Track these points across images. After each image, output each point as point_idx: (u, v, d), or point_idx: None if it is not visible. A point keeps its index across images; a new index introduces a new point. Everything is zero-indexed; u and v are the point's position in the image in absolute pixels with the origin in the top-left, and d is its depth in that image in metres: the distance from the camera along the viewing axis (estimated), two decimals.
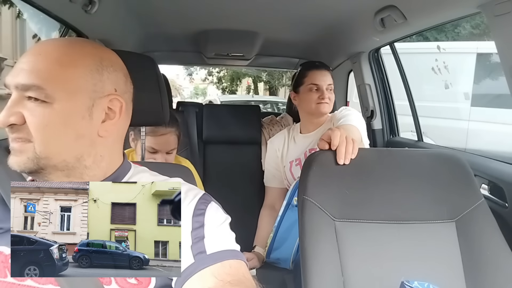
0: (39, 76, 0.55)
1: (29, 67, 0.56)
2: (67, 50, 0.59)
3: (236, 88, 17.37)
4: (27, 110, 0.55)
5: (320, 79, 1.51)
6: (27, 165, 0.56)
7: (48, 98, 0.55)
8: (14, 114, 0.55)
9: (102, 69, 0.60)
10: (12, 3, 6.50)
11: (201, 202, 0.62)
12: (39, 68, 0.56)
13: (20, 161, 0.56)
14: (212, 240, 0.58)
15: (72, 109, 0.57)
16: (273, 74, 12.86)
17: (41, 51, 0.58)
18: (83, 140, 0.59)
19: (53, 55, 0.58)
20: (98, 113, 0.59)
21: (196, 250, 0.57)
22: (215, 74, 16.35)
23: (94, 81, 0.59)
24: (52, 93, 0.56)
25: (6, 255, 0.56)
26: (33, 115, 0.55)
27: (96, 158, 0.61)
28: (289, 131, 1.67)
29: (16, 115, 0.55)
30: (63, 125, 0.57)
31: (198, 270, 0.55)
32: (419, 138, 1.98)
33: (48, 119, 0.56)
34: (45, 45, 0.60)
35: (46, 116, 0.56)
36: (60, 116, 0.56)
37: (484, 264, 0.93)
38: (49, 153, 0.56)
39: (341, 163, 1.00)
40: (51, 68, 0.57)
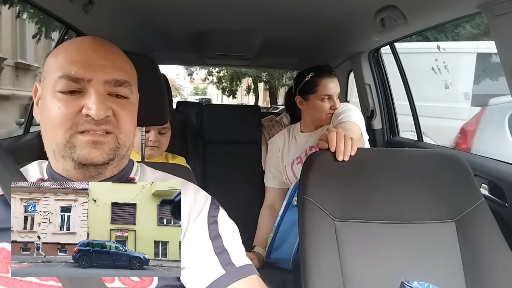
0: (126, 73, 0.61)
1: (113, 64, 0.60)
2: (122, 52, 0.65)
3: (236, 88, 17.39)
4: (116, 103, 0.60)
5: (332, 88, 1.50)
6: (109, 155, 0.59)
7: (131, 93, 0.62)
8: (108, 108, 0.58)
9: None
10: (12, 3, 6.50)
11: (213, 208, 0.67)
12: (123, 66, 0.62)
13: (104, 152, 0.58)
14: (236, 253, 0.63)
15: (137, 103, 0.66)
16: (273, 74, 12.86)
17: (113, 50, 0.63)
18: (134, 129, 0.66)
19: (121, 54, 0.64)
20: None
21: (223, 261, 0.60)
22: (215, 74, 16.37)
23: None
24: (134, 89, 0.63)
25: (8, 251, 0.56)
26: (124, 109, 0.60)
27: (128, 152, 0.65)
28: (289, 130, 1.67)
29: (109, 108, 0.58)
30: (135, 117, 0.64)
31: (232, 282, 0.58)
32: (419, 138, 1.98)
33: (133, 112, 0.63)
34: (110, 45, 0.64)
35: (131, 109, 0.62)
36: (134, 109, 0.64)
37: (484, 264, 0.93)
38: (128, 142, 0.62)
39: (340, 159, 1.00)
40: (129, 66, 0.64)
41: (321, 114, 1.52)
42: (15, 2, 6.41)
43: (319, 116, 1.53)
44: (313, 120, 1.57)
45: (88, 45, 0.61)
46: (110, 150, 0.59)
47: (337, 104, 1.50)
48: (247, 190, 1.93)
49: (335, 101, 1.50)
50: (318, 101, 1.51)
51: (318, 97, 1.51)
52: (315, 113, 1.53)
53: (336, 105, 1.50)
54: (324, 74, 1.52)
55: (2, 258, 0.56)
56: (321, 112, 1.51)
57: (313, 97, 1.52)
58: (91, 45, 0.61)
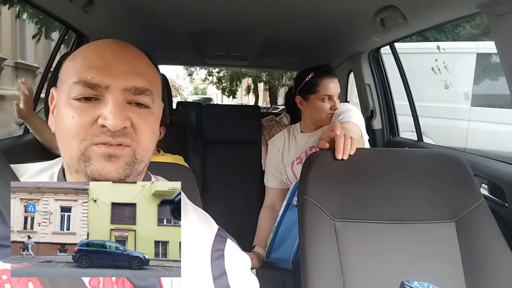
0: (148, 81, 0.55)
1: (134, 69, 0.54)
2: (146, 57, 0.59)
3: (236, 88, 17.39)
4: (135, 113, 0.54)
5: (332, 88, 1.51)
6: (125, 171, 0.54)
7: (153, 102, 0.55)
8: (126, 118, 0.52)
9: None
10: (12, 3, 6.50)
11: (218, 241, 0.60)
12: (146, 72, 0.56)
13: (119, 167, 0.53)
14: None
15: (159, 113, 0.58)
16: (273, 74, 12.87)
17: (136, 54, 0.57)
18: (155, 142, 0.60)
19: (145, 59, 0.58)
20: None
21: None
22: (215, 74, 16.37)
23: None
24: (157, 98, 0.56)
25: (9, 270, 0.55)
26: (144, 120, 0.54)
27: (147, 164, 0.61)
28: (290, 130, 1.67)
29: (127, 119, 0.53)
30: (156, 129, 0.58)
31: None
32: (419, 138, 1.98)
33: (153, 124, 0.56)
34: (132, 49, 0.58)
35: (152, 121, 0.55)
36: (156, 120, 0.57)
37: (484, 264, 0.93)
38: (145, 156, 0.56)
39: (339, 158, 1.00)
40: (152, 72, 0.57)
41: (322, 114, 1.52)
42: (15, 2, 6.41)
43: (319, 116, 1.53)
44: (313, 120, 1.57)
45: (109, 48, 0.56)
46: (126, 165, 0.53)
47: (337, 104, 1.50)
48: (247, 190, 1.94)
49: (336, 101, 1.50)
50: (319, 101, 1.51)
51: (319, 97, 1.51)
52: (316, 113, 1.53)
53: (336, 105, 1.50)
54: (325, 74, 1.52)
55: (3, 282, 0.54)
56: (322, 112, 1.51)
57: (314, 97, 1.52)
58: (112, 48, 0.56)
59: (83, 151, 0.52)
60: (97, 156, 0.52)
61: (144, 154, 0.55)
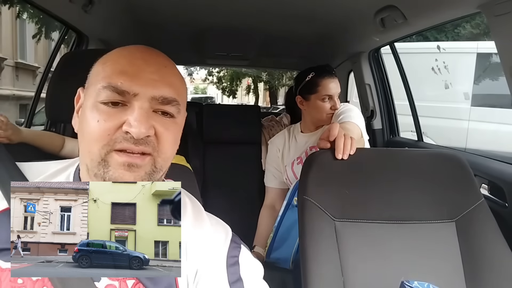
0: (175, 91, 0.55)
1: (163, 79, 0.54)
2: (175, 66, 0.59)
3: (236, 88, 17.39)
4: (159, 123, 0.54)
5: (333, 88, 1.50)
6: (144, 180, 0.54)
7: (178, 113, 0.56)
8: (150, 126, 0.53)
9: None
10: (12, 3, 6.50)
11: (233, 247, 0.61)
12: (174, 82, 0.56)
13: (138, 177, 0.53)
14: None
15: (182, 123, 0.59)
16: (273, 74, 12.87)
17: (166, 63, 0.57)
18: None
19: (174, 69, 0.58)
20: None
21: None
22: (215, 74, 16.38)
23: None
24: (182, 108, 0.57)
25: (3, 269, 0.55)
26: (168, 129, 0.54)
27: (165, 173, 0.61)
28: (290, 130, 1.67)
29: (151, 128, 0.53)
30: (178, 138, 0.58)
31: None
32: (419, 138, 1.98)
33: (177, 134, 0.57)
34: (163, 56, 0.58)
35: (176, 132, 0.56)
36: (179, 130, 0.58)
37: (484, 264, 0.93)
38: (165, 166, 0.56)
39: (339, 158, 1.00)
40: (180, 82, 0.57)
41: (322, 114, 1.52)
42: (15, 2, 6.41)
43: (320, 116, 1.53)
44: (313, 120, 1.57)
45: (140, 55, 0.56)
46: (146, 175, 0.54)
47: (337, 104, 1.50)
48: (247, 190, 1.94)
49: (336, 101, 1.50)
50: (319, 101, 1.51)
51: (319, 97, 1.51)
52: (316, 113, 1.53)
53: (336, 105, 1.50)
54: (325, 74, 1.52)
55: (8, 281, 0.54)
56: (322, 112, 1.51)
57: (314, 97, 1.52)
58: (143, 55, 0.56)
59: (103, 156, 0.52)
60: (117, 163, 0.52)
61: (164, 163, 0.56)
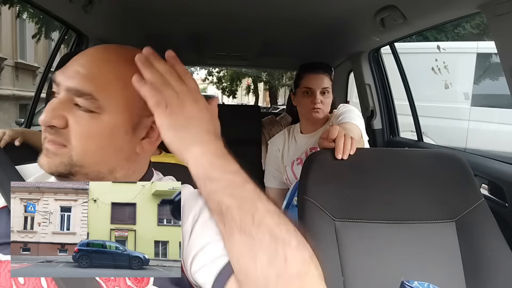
0: (97, 86, 0.53)
1: (87, 72, 0.54)
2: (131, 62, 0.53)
3: (236, 88, 17.39)
4: (73, 116, 0.53)
5: (314, 83, 1.48)
6: (59, 169, 0.54)
7: (98, 109, 0.53)
8: (57, 117, 0.53)
9: None
10: (12, 3, 6.51)
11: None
12: (98, 76, 0.54)
13: (52, 163, 0.54)
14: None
15: (119, 123, 0.55)
16: (273, 74, 12.88)
17: (103, 57, 0.56)
18: (121, 154, 0.57)
19: (115, 64, 0.55)
20: (141, 131, 0.58)
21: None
22: (215, 74, 16.38)
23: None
24: (104, 105, 0.53)
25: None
26: (78, 123, 0.53)
27: (128, 172, 0.60)
28: (290, 131, 1.67)
29: (60, 118, 0.53)
30: (106, 137, 0.55)
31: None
32: (419, 138, 1.98)
33: (93, 130, 0.54)
34: (109, 52, 0.57)
35: (91, 127, 0.53)
36: (105, 129, 0.54)
37: (484, 264, 0.93)
38: (86, 162, 0.55)
39: (339, 158, 1.00)
40: (110, 79, 0.54)
41: (304, 108, 1.51)
42: (15, 2, 6.41)
43: (303, 111, 1.52)
44: (302, 117, 1.58)
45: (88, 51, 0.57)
46: (62, 164, 0.54)
47: (317, 99, 1.46)
48: None
49: (316, 96, 1.46)
50: (301, 94, 1.51)
51: (301, 90, 1.50)
52: (300, 107, 1.55)
53: (315, 100, 1.46)
54: (310, 68, 1.53)
55: (7, 271, 0.54)
56: (304, 106, 1.50)
57: (298, 91, 1.53)
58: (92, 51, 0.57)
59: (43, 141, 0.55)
60: (43, 147, 0.55)
61: (81, 158, 0.54)
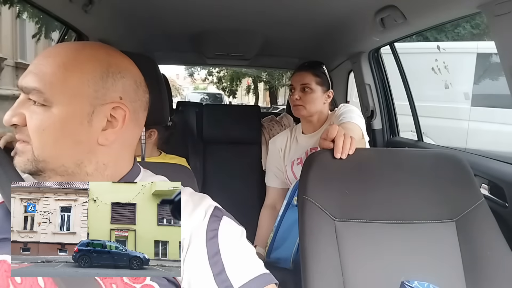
0: (41, 80, 0.56)
1: (35, 69, 0.57)
2: (75, 54, 0.58)
3: (236, 88, 17.40)
4: (29, 111, 0.56)
5: (295, 79, 1.53)
6: (27, 167, 0.57)
7: (47, 102, 0.55)
8: (17, 114, 0.56)
9: (108, 76, 0.58)
10: (12, 3, 6.50)
11: (213, 221, 0.60)
12: (44, 72, 0.56)
13: (21, 161, 0.57)
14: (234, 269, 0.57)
15: (70, 114, 0.56)
16: (273, 74, 12.88)
17: (50, 54, 0.58)
18: (81, 146, 0.57)
19: (59, 58, 0.57)
20: (99, 121, 0.58)
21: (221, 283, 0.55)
22: (215, 74, 16.39)
23: (96, 87, 0.57)
24: (51, 97, 0.55)
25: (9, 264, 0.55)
26: (32, 118, 0.56)
27: (98, 165, 0.59)
28: (292, 131, 1.67)
29: (19, 116, 0.56)
30: (60, 129, 0.56)
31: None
32: (419, 138, 1.98)
33: (46, 123, 0.55)
34: (56, 48, 0.59)
35: (44, 120, 0.55)
36: (57, 121, 0.55)
37: (484, 264, 0.93)
38: (46, 156, 0.56)
39: (337, 157, 1.00)
40: (54, 72, 0.56)
41: (291, 105, 1.55)
42: (15, 2, 6.41)
43: (291, 107, 1.56)
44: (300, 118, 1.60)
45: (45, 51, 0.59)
46: (28, 162, 0.56)
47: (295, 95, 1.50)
48: (247, 190, 1.94)
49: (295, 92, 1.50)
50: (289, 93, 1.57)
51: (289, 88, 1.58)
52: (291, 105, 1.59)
53: (294, 96, 1.50)
54: (300, 66, 1.57)
55: (3, 271, 0.55)
56: (291, 103, 1.55)
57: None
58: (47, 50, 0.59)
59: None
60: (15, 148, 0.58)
61: (41, 153, 0.56)
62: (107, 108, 0.58)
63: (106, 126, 0.58)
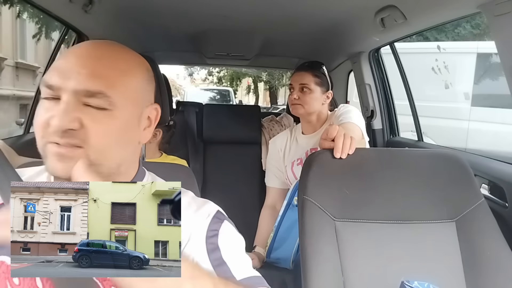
0: (104, 83, 0.55)
1: (91, 72, 0.55)
2: (125, 57, 0.59)
3: (236, 88, 17.40)
4: (87, 115, 0.54)
5: (294, 79, 1.54)
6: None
7: (111, 105, 0.55)
8: (73, 119, 0.53)
9: (150, 79, 0.63)
10: (12, 3, 6.50)
11: (215, 222, 0.62)
12: (104, 74, 0.55)
13: (69, 167, 0.53)
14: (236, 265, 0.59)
15: (129, 116, 0.58)
16: (273, 74, 12.87)
17: (101, 56, 0.57)
18: (130, 147, 0.61)
19: (114, 61, 0.58)
20: (143, 121, 0.61)
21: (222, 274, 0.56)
22: (215, 74, 16.39)
23: (146, 91, 0.61)
24: (116, 101, 0.55)
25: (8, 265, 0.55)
26: (94, 122, 0.54)
27: (129, 164, 0.63)
28: (292, 131, 1.67)
29: (76, 120, 0.54)
30: (120, 132, 0.57)
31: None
32: (419, 138, 1.98)
33: (110, 126, 0.56)
34: (103, 50, 0.59)
35: (108, 123, 0.55)
36: (119, 124, 0.56)
37: (484, 264, 0.93)
38: (103, 159, 0.56)
39: (337, 157, 1.00)
40: (115, 75, 0.56)
41: (290, 105, 1.57)
42: (15, 2, 6.41)
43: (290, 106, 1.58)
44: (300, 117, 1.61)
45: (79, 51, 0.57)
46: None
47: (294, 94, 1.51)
48: (247, 190, 1.94)
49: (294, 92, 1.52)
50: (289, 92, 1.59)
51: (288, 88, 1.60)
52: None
53: (293, 96, 1.52)
54: (298, 66, 1.59)
55: (1, 272, 0.55)
56: (289, 103, 1.57)
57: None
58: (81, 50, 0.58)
59: (42, 147, 0.55)
60: (50, 154, 0.55)
61: (99, 156, 0.56)
62: (149, 110, 0.62)
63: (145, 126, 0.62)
